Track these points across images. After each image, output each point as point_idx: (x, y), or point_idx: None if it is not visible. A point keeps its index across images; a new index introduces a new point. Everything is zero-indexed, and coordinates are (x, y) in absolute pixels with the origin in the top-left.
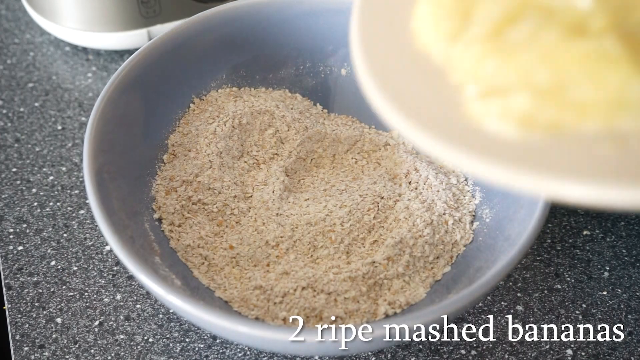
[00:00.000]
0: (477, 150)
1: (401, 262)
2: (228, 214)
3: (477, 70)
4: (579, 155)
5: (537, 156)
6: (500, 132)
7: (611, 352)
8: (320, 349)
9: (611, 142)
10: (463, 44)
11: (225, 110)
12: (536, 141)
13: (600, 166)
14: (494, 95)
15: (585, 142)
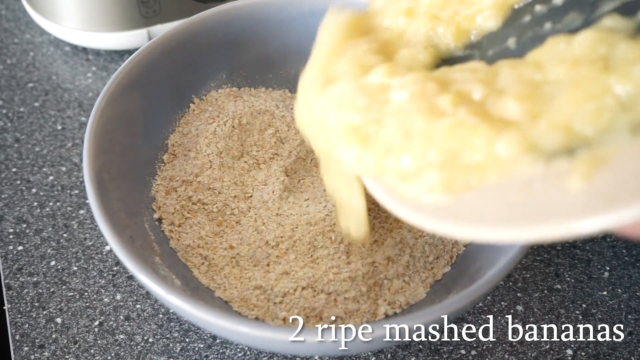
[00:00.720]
0: (426, 213)
1: (401, 262)
2: (228, 214)
3: (384, 168)
4: (495, 204)
5: (465, 210)
6: (435, 201)
7: (611, 352)
8: (320, 349)
9: (518, 189)
10: (369, 155)
11: (225, 110)
12: (464, 199)
13: (510, 211)
14: (411, 179)
15: (499, 192)
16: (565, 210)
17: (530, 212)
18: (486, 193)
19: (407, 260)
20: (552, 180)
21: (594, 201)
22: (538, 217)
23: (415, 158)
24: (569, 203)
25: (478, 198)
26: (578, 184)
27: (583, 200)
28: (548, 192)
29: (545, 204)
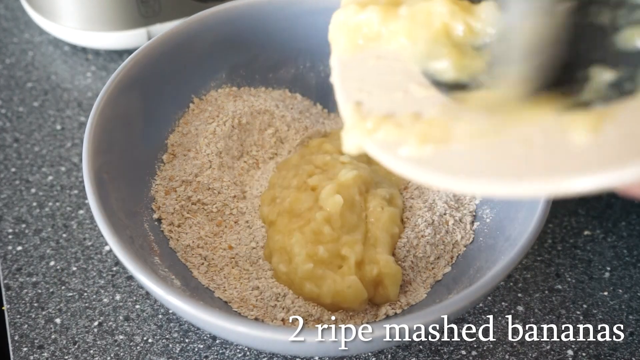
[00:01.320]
0: (419, 165)
1: (405, 264)
2: (227, 214)
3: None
4: (493, 157)
5: (462, 163)
6: (423, 153)
7: (612, 353)
8: (320, 349)
9: (518, 143)
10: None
11: (225, 110)
12: (460, 151)
13: (510, 165)
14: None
15: (499, 146)
16: (568, 164)
17: (531, 165)
18: (484, 146)
19: (410, 261)
20: (555, 133)
21: (600, 156)
22: (538, 171)
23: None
24: (573, 157)
25: (475, 151)
26: (583, 137)
27: (588, 154)
28: (550, 145)
29: (546, 158)
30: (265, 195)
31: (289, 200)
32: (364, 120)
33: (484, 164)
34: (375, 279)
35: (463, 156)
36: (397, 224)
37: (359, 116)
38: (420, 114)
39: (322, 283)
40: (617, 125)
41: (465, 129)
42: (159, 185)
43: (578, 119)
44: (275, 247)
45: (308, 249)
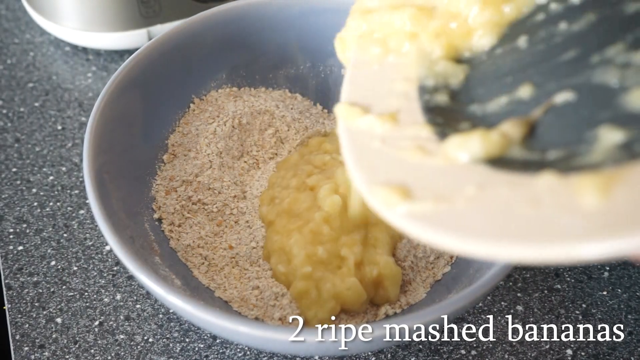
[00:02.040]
0: (420, 221)
1: (406, 264)
2: (227, 214)
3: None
4: (497, 216)
5: (467, 222)
6: (428, 209)
7: (611, 352)
8: (320, 349)
9: (525, 203)
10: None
11: (225, 110)
12: (465, 209)
13: (515, 226)
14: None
15: (505, 205)
16: (577, 227)
17: (539, 227)
18: (488, 205)
19: (411, 261)
20: (563, 194)
21: (611, 220)
22: (547, 234)
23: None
24: (583, 220)
25: (480, 209)
26: (593, 199)
27: (598, 218)
28: (558, 207)
29: (553, 221)
30: (265, 195)
31: (287, 201)
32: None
33: (488, 222)
34: (375, 280)
35: (465, 214)
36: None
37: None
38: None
39: (321, 286)
40: (628, 187)
41: (469, 185)
42: (159, 185)
43: (587, 180)
44: (274, 247)
45: (307, 249)
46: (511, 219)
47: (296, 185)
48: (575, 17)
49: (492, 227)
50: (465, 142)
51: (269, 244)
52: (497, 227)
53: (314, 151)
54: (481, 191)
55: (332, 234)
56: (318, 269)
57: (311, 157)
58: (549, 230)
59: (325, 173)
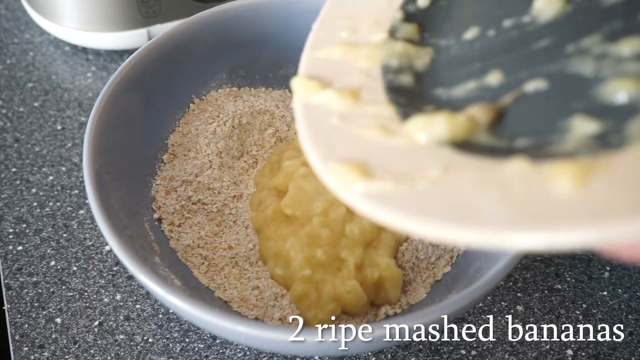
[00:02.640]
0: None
1: (407, 265)
2: (227, 214)
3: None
4: (462, 200)
5: (430, 203)
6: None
7: (611, 352)
8: (320, 349)
9: (494, 187)
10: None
11: (225, 110)
12: (430, 190)
13: (483, 211)
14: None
15: (472, 189)
16: (550, 215)
17: (508, 212)
18: (453, 187)
19: (412, 262)
20: (536, 181)
21: (587, 210)
22: (517, 220)
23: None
24: (556, 208)
25: (444, 192)
26: (568, 188)
27: (572, 207)
28: (530, 193)
29: (525, 206)
30: (252, 199)
31: (271, 208)
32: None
33: (452, 205)
34: (375, 283)
35: (428, 196)
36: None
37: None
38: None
39: (321, 288)
40: (606, 178)
41: (434, 166)
42: (159, 185)
43: (563, 167)
44: (269, 253)
45: (305, 252)
46: (478, 204)
47: (275, 185)
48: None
49: (456, 211)
50: (430, 123)
51: (263, 250)
52: (463, 210)
53: (279, 159)
54: (446, 173)
55: (331, 237)
56: (318, 271)
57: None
58: (520, 216)
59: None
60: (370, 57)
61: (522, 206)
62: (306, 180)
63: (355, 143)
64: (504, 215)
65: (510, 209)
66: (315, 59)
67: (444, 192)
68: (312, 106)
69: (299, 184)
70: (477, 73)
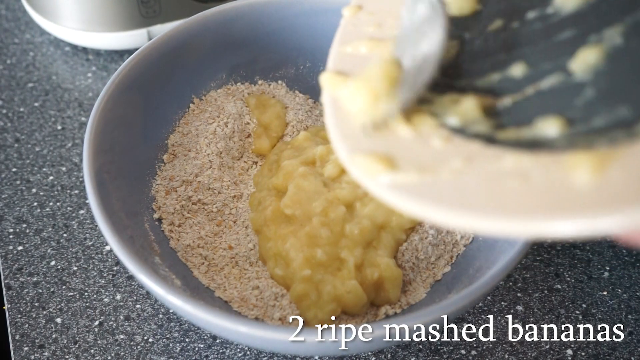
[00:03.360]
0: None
1: (407, 265)
2: (227, 214)
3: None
4: (486, 189)
5: (456, 194)
6: (410, 180)
7: (611, 352)
8: (320, 349)
9: (513, 177)
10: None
11: (225, 110)
12: (453, 180)
13: (505, 200)
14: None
15: (493, 178)
16: (568, 204)
17: (527, 202)
18: (475, 176)
19: (412, 262)
20: (555, 170)
21: (603, 198)
22: (535, 209)
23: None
24: (574, 197)
25: (464, 181)
26: (586, 177)
27: (590, 196)
28: (549, 183)
29: (544, 195)
30: (252, 199)
31: (271, 209)
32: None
33: (474, 195)
34: (376, 283)
35: (451, 186)
36: (404, 230)
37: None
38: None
39: (321, 288)
40: (623, 168)
41: (456, 157)
42: (159, 185)
43: (581, 158)
44: (269, 254)
45: (305, 252)
46: (498, 193)
47: (275, 186)
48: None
49: (478, 200)
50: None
51: (262, 250)
52: (484, 200)
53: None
54: (468, 164)
55: (331, 237)
56: (317, 271)
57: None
58: (539, 204)
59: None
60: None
61: (543, 195)
62: (305, 179)
63: (380, 135)
64: (525, 203)
65: (531, 198)
66: (342, 54)
67: (466, 182)
68: (340, 100)
69: (298, 184)
70: (501, 65)
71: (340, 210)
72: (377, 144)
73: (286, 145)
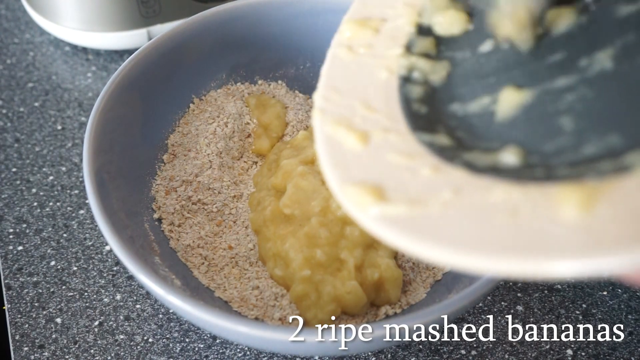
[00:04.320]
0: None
1: (407, 265)
2: (227, 214)
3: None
4: (474, 225)
5: (438, 229)
6: (397, 212)
7: (611, 352)
8: (320, 349)
9: (502, 212)
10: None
11: (225, 110)
12: (438, 214)
13: (493, 237)
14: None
15: (480, 213)
16: (556, 242)
17: (517, 241)
18: (464, 211)
19: (412, 262)
20: (543, 205)
21: (592, 237)
22: (523, 247)
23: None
24: (562, 235)
25: (455, 216)
26: (574, 213)
27: (578, 234)
28: (537, 218)
29: (532, 232)
30: (251, 199)
31: (270, 209)
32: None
33: (463, 231)
34: (376, 283)
35: (440, 220)
36: None
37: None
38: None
39: (321, 289)
40: (611, 204)
41: (445, 188)
42: (159, 185)
43: (569, 192)
44: (268, 254)
45: (304, 252)
46: (488, 229)
47: (274, 185)
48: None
49: (468, 236)
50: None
51: (262, 251)
52: (473, 236)
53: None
54: (457, 196)
55: (330, 237)
56: (317, 271)
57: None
58: (529, 243)
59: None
60: (388, 69)
61: (532, 232)
62: (304, 179)
63: (371, 165)
64: (515, 242)
65: (521, 236)
66: (334, 73)
67: (455, 216)
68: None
69: (297, 183)
70: (491, 88)
71: (339, 210)
72: (367, 173)
73: (285, 145)
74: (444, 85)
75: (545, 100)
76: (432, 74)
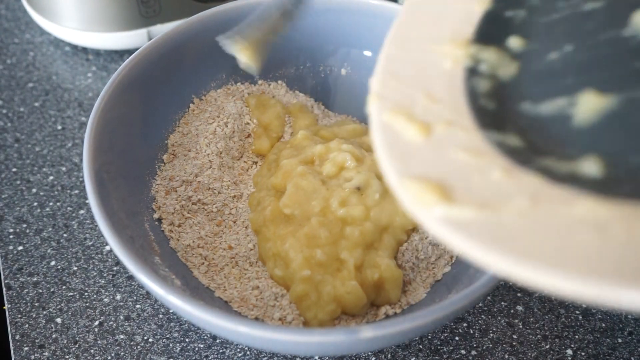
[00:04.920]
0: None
1: (407, 265)
2: (227, 214)
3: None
4: (560, 239)
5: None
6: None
7: (611, 352)
8: (320, 349)
9: (588, 230)
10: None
11: (225, 110)
12: (516, 223)
13: (581, 255)
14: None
15: (565, 227)
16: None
17: (605, 263)
18: (543, 222)
19: (412, 263)
20: (637, 226)
21: None
22: (614, 274)
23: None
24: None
25: (532, 226)
26: None
27: None
28: (633, 241)
29: (630, 260)
30: (251, 199)
31: (270, 209)
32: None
33: (543, 245)
34: (376, 283)
35: (515, 229)
36: (406, 230)
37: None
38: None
39: (321, 289)
40: None
41: (520, 195)
42: (159, 185)
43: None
44: (268, 254)
45: (304, 252)
46: (572, 246)
47: (273, 185)
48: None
49: (548, 252)
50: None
51: (262, 251)
52: (556, 252)
53: (279, 157)
54: (534, 205)
55: (330, 238)
56: (317, 271)
57: (279, 163)
58: (620, 266)
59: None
60: (453, 58)
61: (625, 255)
62: (304, 178)
63: (433, 160)
64: (603, 263)
65: (610, 258)
66: (394, 57)
67: (533, 227)
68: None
69: (297, 183)
70: (568, 89)
71: (338, 210)
72: (429, 168)
73: (285, 145)
74: (513, 81)
75: (631, 108)
76: (500, 68)
